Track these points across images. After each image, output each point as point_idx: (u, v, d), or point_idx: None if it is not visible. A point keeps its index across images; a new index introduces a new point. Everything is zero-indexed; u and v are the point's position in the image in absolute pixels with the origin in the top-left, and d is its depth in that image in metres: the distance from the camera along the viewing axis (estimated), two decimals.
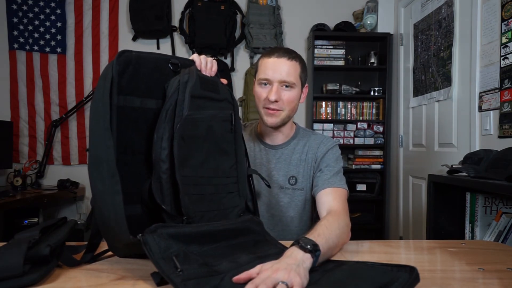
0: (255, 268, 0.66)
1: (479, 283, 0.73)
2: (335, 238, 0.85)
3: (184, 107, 0.84)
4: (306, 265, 0.69)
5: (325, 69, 3.25)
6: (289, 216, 1.24)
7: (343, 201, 1.11)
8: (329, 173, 1.17)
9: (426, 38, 2.64)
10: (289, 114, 1.18)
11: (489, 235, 1.45)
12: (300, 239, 0.74)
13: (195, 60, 0.95)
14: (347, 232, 0.96)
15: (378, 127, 3.19)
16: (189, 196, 0.83)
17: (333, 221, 0.93)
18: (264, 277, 0.62)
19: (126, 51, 0.81)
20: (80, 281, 0.71)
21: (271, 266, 0.65)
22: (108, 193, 0.73)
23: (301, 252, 0.71)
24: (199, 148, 0.88)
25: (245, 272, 0.65)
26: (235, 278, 0.64)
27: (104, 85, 0.77)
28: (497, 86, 1.89)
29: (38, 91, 3.26)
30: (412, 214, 2.79)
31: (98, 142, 0.75)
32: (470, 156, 1.72)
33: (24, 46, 3.23)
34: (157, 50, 3.29)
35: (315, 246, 0.72)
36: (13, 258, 0.65)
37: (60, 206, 3.30)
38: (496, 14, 1.91)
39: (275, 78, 1.13)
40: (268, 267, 0.65)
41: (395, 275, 0.66)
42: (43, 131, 3.28)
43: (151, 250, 0.67)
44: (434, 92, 2.50)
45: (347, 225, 0.97)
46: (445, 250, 0.96)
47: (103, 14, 3.29)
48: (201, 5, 3.19)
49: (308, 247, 0.71)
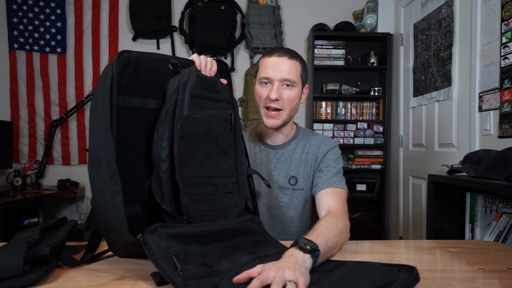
0: (255, 268, 0.66)
1: (479, 283, 0.73)
2: (334, 239, 0.85)
3: (184, 107, 0.84)
4: (306, 265, 0.69)
5: (325, 69, 3.25)
6: (289, 216, 1.24)
7: (343, 201, 1.11)
8: (329, 173, 1.17)
9: (426, 38, 2.64)
10: (289, 114, 1.18)
11: (489, 235, 1.45)
12: (299, 239, 0.74)
13: (195, 60, 0.95)
14: (346, 233, 0.96)
15: (378, 127, 3.19)
16: (189, 196, 0.83)
17: (332, 221, 0.93)
18: (269, 276, 0.62)
19: (126, 51, 0.81)
20: (80, 281, 0.71)
21: (273, 265, 0.65)
22: (108, 193, 0.73)
23: (301, 252, 0.71)
24: (199, 148, 0.88)
25: (245, 272, 0.65)
26: (235, 279, 0.64)
27: (104, 85, 0.77)
28: (497, 86, 1.89)
29: (38, 91, 3.26)
30: (412, 214, 2.79)
31: (98, 142, 0.75)
32: (470, 156, 1.72)
33: (24, 46, 3.23)
34: (157, 50, 3.29)
35: (315, 247, 0.72)
36: (13, 258, 0.65)
37: (60, 206, 3.30)
38: (496, 14, 1.91)
39: (276, 76, 1.14)
40: (271, 266, 0.65)
41: (395, 275, 0.66)
42: (43, 131, 3.28)
43: (151, 250, 0.67)
44: (434, 92, 2.50)
45: (346, 226, 0.97)
46: (445, 250, 0.96)
47: (103, 14, 3.29)
48: (201, 5, 3.19)
49: (308, 248, 0.71)
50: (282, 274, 0.62)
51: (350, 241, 1.00)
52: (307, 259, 0.70)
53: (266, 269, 0.64)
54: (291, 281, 0.61)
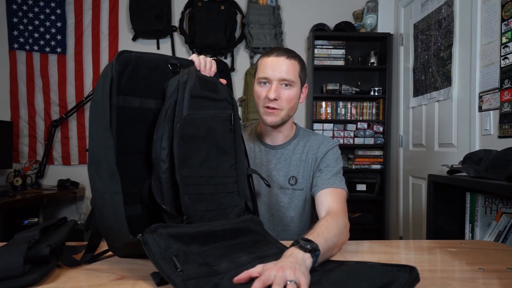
0: (255, 268, 0.66)
1: (479, 283, 0.73)
2: (334, 238, 0.85)
3: (184, 107, 0.84)
4: (307, 265, 0.69)
5: (325, 69, 3.25)
6: (289, 216, 1.24)
7: (342, 201, 1.11)
8: (329, 174, 1.17)
9: (426, 38, 2.64)
10: (288, 113, 1.18)
11: (489, 235, 1.45)
12: (299, 239, 0.74)
13: (194, 60, 0.95)
14: (346, 233, 0.96)
15: (378, 127, 3.19)
16: (189, 195, 0.83)
17: (332, 221, 0.93)
18: (270, 276, 0.62)
19: (125, 51, 0.81)
20: (80, 281, 0.71)
21: (274, 265, 0.65)
22: (108, 193, 0.73)
23: (301, 252, 0.71)
24: (199, 148, 0.88)
25: (245, 272, 0.65)
26: (235, 279, 0.64)
27: (104, 86, 0.77)
28: (497, 86, 1.89)
29: (38, 91, 3.26)
30: (412, 214, 2.79)
31: (97, 142, 0.75)
32: (470, 156, 1.72)
33: (24, 46, 3.23)
34: (157, 50, 3.29)
35: (315, 246, 0.72)
36: (13, 258, 0.65)
37: (60, 206, 3.30)
38: (496, 14, 1.91)
39: (274, 76, 1.14)
40: (271, 266, 0.65)
41: (395, 275, 0.66)
42: (43, 131, 3.28)
43: (151, 250, 0.67)
44: (434, 92, 2.50)
45: (346, 226, 0.97)
46: (445, 250, 0.96)
47: (103, 14, 3.29)
48: (201, 5, 3.19)
49: (308, 247, 0.71)
50: (283, 274, 0.62)
51: (350, 241, 1.00)
52: (307, 259, 0.70)
53: (267, 269, 0.64)
54: (292, 281, 0.61)
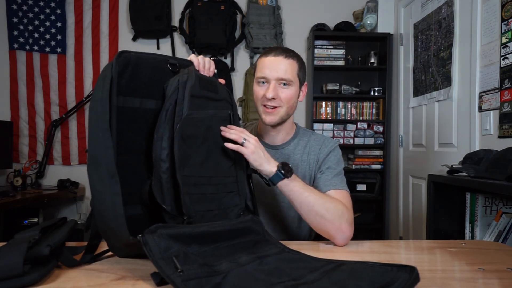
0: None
1: (479, 283, 0.73)
2: (318, 200, 0.99)
3: (184, 106, 0.84)
4: (268, 158, 1.00)
5: (325, 69, 3.25)
6: (289, 217, 1.24)
7: (345, 200, 1.11)
8: (330, 175, 1.17)
9: (426, 38, 2.64)
10: (287, 112, 1.18)
11: (489, 235, 1.45)
12: (284, 165, 1.00)
13: (193, 61, 0.96)
14: (340, 215, 1.00)
15: (378, 127, 3.19)
16: (189, 195, 0.83)
17: (328, 196, 1.06)
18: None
19: (125, 51, 0.81)
20: (80, 281, 0.71)
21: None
22: (108, 194, 0.73)
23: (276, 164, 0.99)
24: (199, 148, 0.88)
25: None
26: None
27: (103, 86, 0.76)
28: (497, 86, 1.89)
29: (38, 91, 3.26)
30: (412, 214, 2.79)
31: (97, 142, 0.75)
32: (470, 156, 1.72)
33: (24, 46, 3.23)
34: (157, 50, 3.29)
35: (289, 170, 0.94)
36: (13, 258, 0.65)
37: (60, 206, 3.30)
38: (496, 14, 1.91)
39: (272, 76, 1.14)
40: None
41: (395, 275, 0.66)
42: (43, 131, 3.28)
43: (151, 251, 0.67)
44: (434, 92, 2.50)
45: (345, 214, 1.02)
46: (445, 250, 0.96)
47: (103, 14, 3.29)
48: (201, 5, 3.19)
49: (281, 166, 0.97)
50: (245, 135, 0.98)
51: (350, 241, 1.00)
52: (273, 165, 0.99)
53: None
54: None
